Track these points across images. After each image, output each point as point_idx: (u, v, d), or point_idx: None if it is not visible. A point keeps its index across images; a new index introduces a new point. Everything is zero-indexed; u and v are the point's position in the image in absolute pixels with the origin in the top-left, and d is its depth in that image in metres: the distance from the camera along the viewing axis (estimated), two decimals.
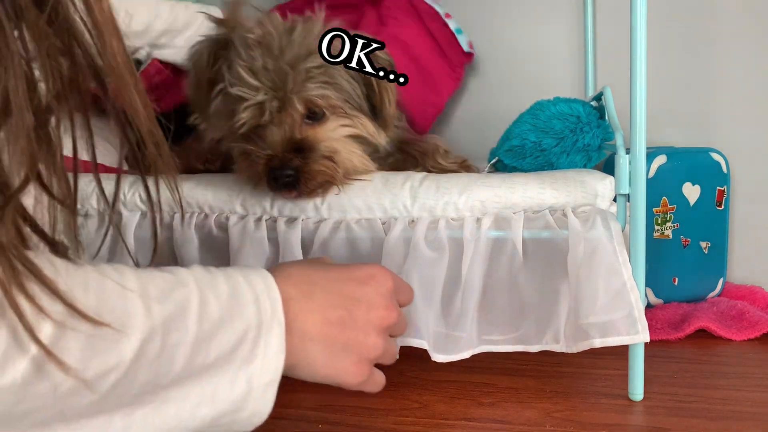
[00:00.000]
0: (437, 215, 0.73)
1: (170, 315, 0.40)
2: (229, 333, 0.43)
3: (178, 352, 0.40)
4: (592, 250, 0.69)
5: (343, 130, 0.75)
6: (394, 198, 0.74)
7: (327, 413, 0.74)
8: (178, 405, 0.42)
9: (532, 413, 0.72)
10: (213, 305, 0.43)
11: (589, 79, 1.19)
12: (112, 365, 0.37)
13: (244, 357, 0.44)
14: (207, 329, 0.42)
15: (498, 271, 0.73)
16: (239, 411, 0.44)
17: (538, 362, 0.85)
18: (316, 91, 0.72)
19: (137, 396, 0.40)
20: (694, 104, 1.17)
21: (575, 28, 1.22)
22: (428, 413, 0.74)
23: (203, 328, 0.42)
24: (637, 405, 0.74)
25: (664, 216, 1.03)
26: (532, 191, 0.72)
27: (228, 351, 0.43)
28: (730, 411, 0.72)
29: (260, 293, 0.46)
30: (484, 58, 1.27)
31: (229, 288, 0.45)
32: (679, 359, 0.87)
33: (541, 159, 0.82)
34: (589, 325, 0.69)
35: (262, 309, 0.45)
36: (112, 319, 0.37)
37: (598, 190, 0.72)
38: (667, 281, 1.06)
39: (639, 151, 0.69)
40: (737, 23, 1.13)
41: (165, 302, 0.40)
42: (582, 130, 0.80)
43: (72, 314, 0.35)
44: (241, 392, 0.44)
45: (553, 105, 0.83)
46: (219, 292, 0.44)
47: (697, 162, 1.06)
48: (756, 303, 1.05)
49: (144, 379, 0.39)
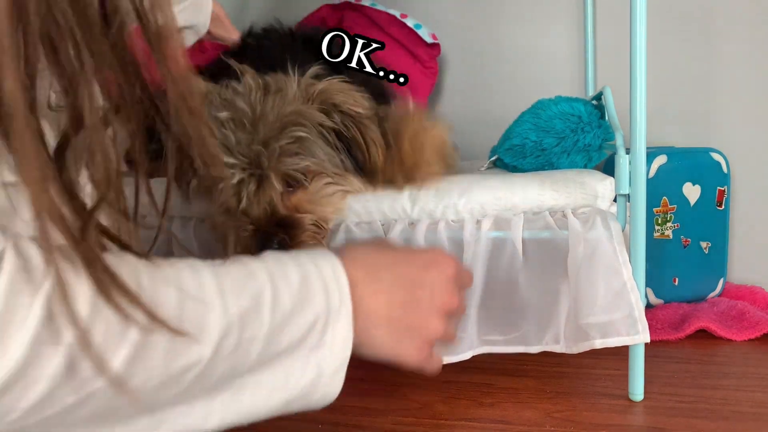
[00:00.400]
0: (437, 218, 0.73)
1: (245, 310, 0.42)
2: (300, 322, 0.45)
3: (253, 345, 0.43)
4: (592, 251, 0.69)
5: (328, 189, 0.73)
6: (393, 202, 0.74)
7: (327, 413, 0.73)
8: (253, 392, 0.44)
9: (533, 413, 0.72)
10: (285, 296, 0.44)
11: (590, 79, 1.19)
12: (193, 362, 0.40)
13: (313, 344, 0.46)
14: (279, 320, 0.44)
15: (498, 272, 0.73)
16: (310, 395, 0.47)
17: (539, 362, 0.85)
18: (293, 165, 0.70)
19: (215, 386, 0.42)
20: (694, 104, 1.17)
21: (576, 28, 1.22)
22: (428, 413, 0.73)
23: (276, 319, 0.43)
24: (637, 405, 0.74)
25: (664, 216, 1.03)
26: (532, 193, 0.72)
27: (299, 339, 0.45)
28: (730, 411, 0.71)
29: (329, 280, 0.47)
30: (485, 57, 1.27)
31: (299, 277, 0.46)
32: (679, 359, 0.87)
33: (542, 158, 0.82)
34: (589, 326, 0.69)
35: (330, 296, 0.46)
36: (191, 320, 0.39)
37: (598, 191, 0.72)
38: (668, 281, 1.06)
39: (639, 151, 0.69)
40: (737, 23, 1.13)
41: (240, 297, 0.42)
42: (583, 130, 0.80)
43: (154, 321, 0.37)
44: (312, 377, 0.46)
45: (555, 104, 0.83)
46: (290, 282, 0.45)
47: (698, 162, 1.06)
48: (756, 303, 1.04)
49: (221, 371, 0.42)
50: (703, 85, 1.16)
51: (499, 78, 1.27)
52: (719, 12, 1.14)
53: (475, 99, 1.29)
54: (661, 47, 1.14)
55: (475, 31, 1.22)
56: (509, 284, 0.73)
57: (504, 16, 1.26)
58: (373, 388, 0.79)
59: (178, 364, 0.39)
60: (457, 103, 1.30)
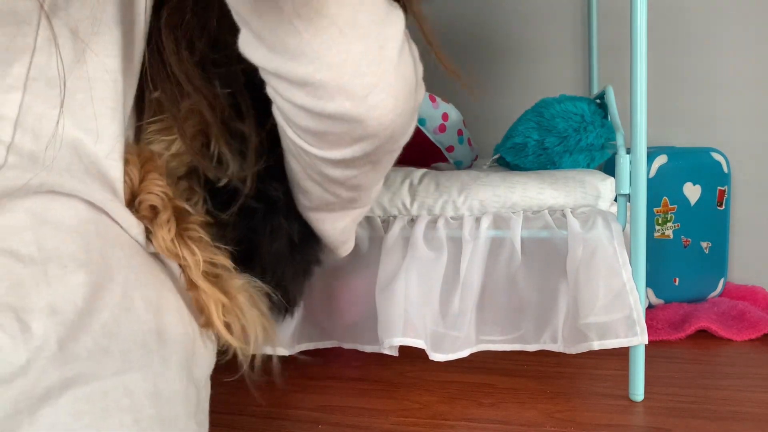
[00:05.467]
0: (436, 214, 0.73)
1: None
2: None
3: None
4: (592, 251, 0.69)
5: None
6: (393, 196, 0.74)
7: (327, 413, 0.74)
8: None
9: (533, 414, 0.72)
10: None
11: (594, 78, 1.19)
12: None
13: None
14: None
15: (496, 271, 0.73)
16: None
17: (539, 363, 0.85)
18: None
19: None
20: (694, 104, 1.16)
21: (581, 26, 1.22)
22: (428, 413, 0.73)
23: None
24: (637, 405, 0.73)
25: (664, 216, 1.03)
26: (532, 191, 0.72)
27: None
28: (730, 411, 0.71)
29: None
30: (487, 56, 1.27)
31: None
32: (679, 359, 0.87)
33: (544, 158, 0.82)
34: (588, 326, 0.69)
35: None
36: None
37: (599, 191, 0.72)
38: (668, 281, 1.06)
39: (639, 151, 0.69)
40: (737, 23, 1.13)
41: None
42: (585, 130, 0.79)
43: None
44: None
45: (558, 103, 0.83)
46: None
47: (698, 162, 1.05)
48: (757, 303, 1.04)
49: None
50: (703, 85, 1.16)
51: (502, 76, 1.27)
52: (719, 12, 1.13)
53: (479, 97, 1.29)
54: (661, 47, 1.14)
55: (478, 29, 1.22)
56: (508, 283, 0.73)
57: (508, 14, 1.26)
58: (373, 388, 0.79)
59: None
60: (460, 102, 1.30)
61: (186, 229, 0.46)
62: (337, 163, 0.47)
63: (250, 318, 0.49)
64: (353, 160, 0.47)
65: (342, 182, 0.50)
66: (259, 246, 0.53)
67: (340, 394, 0.78)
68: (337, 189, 0.51)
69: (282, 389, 0.45)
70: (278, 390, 0.74)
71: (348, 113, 0.42)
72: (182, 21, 0.48)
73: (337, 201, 0.53)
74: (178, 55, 0.47)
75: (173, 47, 0.47)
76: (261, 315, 0.51)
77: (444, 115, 0.93)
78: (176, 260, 0.45)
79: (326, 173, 0.49)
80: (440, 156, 0.96)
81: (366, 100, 0.42)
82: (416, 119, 0.49)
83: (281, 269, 0.55)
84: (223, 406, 0.73)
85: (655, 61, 1.13)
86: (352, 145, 0.45)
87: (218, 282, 0.47)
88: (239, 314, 0.48)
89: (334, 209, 0.55)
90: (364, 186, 0.52)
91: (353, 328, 0.78)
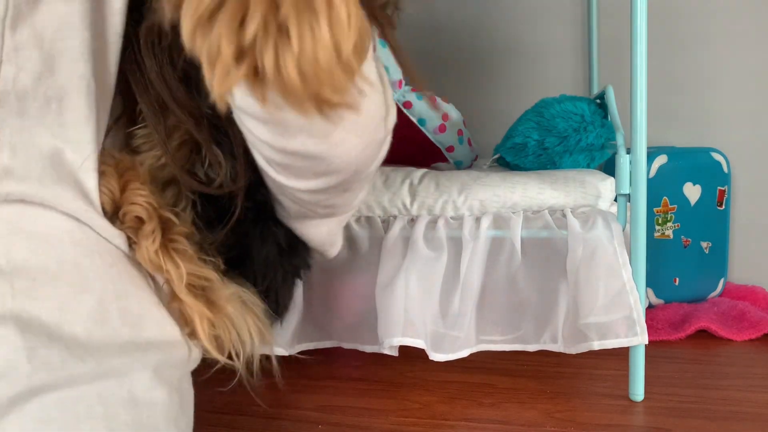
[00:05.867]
0: (436, 214, 0.73)
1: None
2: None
3: None
4: (593, 251, 0.69)
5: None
6: (393, 196, 0.74)
7: (327, 413, 0.74)
8: None
9: (533, 414, 0.72)
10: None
11: (594, 78, 1.19)
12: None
13: None
14: None
15: (496, 271, 0.73)
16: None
17: (539, 363, 0.85)
18: None
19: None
20: (694, 104, 1.16)
21: (580, 26, 1.22)
22: (428, 413, 0.73)
23: None
24: (637, 405, 0.73)
25: (664, 216, 1.03)
26: (532, 191, 0.72)
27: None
28: (730, 411, 0.71)
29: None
30: (487, 57, 1.27)
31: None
32: (679, 359, 0.87)
33: (544, 158, 0.82)
34: (588, 326, 0.69)
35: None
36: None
37: (599, 191, 0.72)
38: (668, 281, 1.06)
39: (639, 151, 0.69)
40: (737, 23, 1.13)
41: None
42: (586, 130, 0.79)
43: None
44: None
45: (558, 103, 0.83)
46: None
47: (698, 162, 1.05)
48: (757, 303, 1.04)
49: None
50: (703, 85, 1.16)
51: (502, 76, 1.27)
52: (719, 12, 1.13)
53: (479, 97, 1.29)
54: (661, 47, 1.14)
55: (478, 29, 1.22)
56: (508, 283, 0.73)
57: (508, 14, 1.26)
58: (373, 388, 0.79)
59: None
60: (460, 102, 1.30)
61: (171, 240, 0.45)
62: (304, 191, 0.47)
63: (242, 326, 0.49)
64: (319, 190, 0.46)
65: (315, 203, 0.49)
66: (250, 250, 0.53)
67: (340, 394, 0.78)
68: (312, 207, 0.51)
69: (282, 389, 0.45)
70: (278, 390, 0.74)
71: (310, 152, 0.41)
72: (160, 38, 0.46)
73: (315, 215, 0.53)
74: (160, 73, 0.46)
75: (153, 64, 0.46)
76: (255, 319, 0.50)
77: (444, 116, 0.93)
78: (159, 273, 0.44)
79: (297, 196, 0.48)
80: (440, 156, 0.96)
81: (328, 138, 0.41)
82: (387, 147, 0.47)
83: (272, 274, 0.55)
84: (223, 406, 0.73)
85: (655, 61, 1.12)
86: (317, 178, 0.45)
87: (204, 294, 0.47)
88: (228, 325, 0.47)
89: (314, 218, 0.54)
90: (338, 205, 0.51)
91: (353, 328, 0.78)
